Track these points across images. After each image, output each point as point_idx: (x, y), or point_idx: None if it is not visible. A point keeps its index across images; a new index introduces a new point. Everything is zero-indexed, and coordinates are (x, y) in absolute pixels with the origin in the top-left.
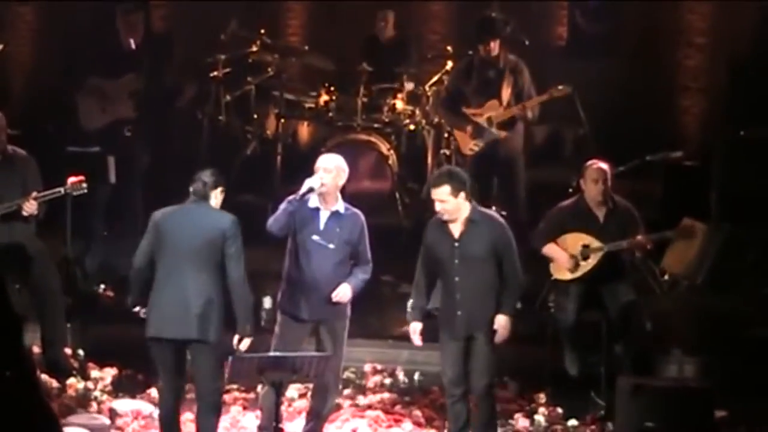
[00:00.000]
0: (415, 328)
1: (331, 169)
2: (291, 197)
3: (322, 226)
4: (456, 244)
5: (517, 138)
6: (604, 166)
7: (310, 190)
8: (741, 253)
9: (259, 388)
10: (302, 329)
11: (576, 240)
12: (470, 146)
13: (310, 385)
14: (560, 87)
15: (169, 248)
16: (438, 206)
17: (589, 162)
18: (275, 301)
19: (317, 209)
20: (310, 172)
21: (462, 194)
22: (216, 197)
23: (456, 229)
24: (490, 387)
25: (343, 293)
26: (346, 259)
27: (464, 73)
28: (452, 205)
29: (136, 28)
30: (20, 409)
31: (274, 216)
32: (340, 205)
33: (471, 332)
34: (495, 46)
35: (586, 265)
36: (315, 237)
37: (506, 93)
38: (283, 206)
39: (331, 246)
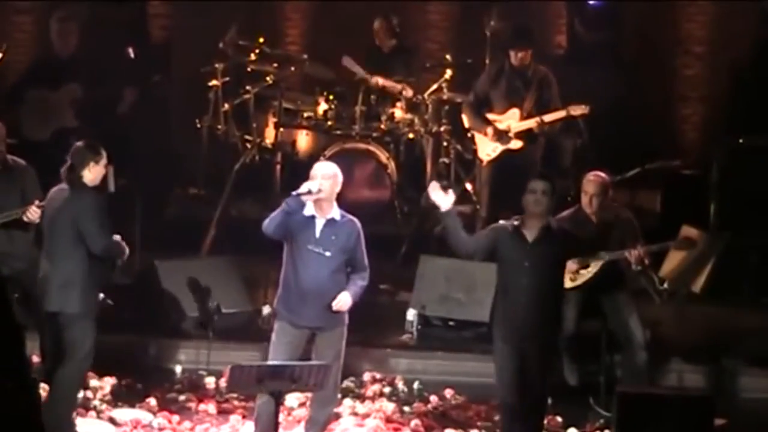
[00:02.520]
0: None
1: (329, 176)
2: (287, 200)
3: (318, 234)
4: (529, 248)
5: (536, 151)
6: (600, 178)
7: (309, 191)
8: (740, 261)
9: (258, 399)
10: (299, 337)
11: None
12: (487, 152)
13: (309, 394)
14: (579, 106)
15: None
16: (540, 196)
17: (589, 173)
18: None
19: (312, 217)
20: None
21: (552, 200)
22: (90, 172)
23: (530, 234)
24: (540, 399)
25: (344, 302)
26: (343, 266)
27: (494, 78)
28: (546, 202)
29: (69, 36)
30: (18, 420)
31: (270, 216)
32: (336, 213)
33: (529, 339)
34: (526, 56)
35: (586, 274)
36: (311, 245)
37: (528, 104)
38: (281, 207)
39: (327, 254)
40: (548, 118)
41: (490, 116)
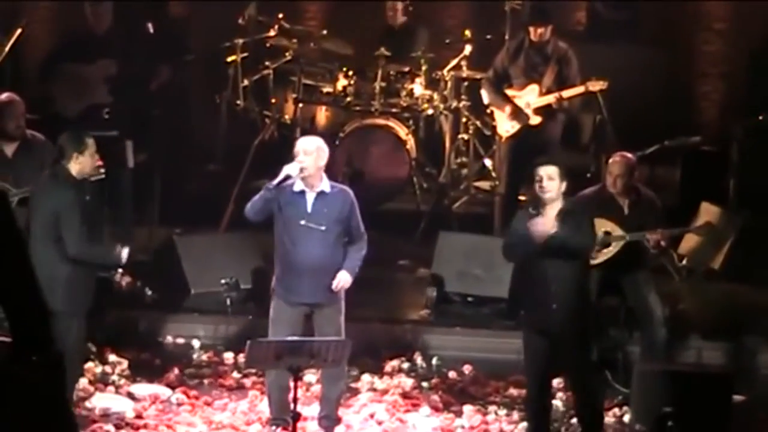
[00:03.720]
0: None
1: (311, 151)
2: (270, 183)
3: (309, 208)
4: (552, 238)
5: (555, 127)
6: (626, 159)
7: (287, 177)
8: (759, 238)
9: (267, 377)
10: (296, 314)
11: (598, 226)
12: (506, 128)
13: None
14: (597, 81)
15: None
16: (546, 182)
17: (614, 154)
18: None
19: (302, 192)
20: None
21: (564, 183)
22: (76, 163)
23: (550, 221)
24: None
25: (344, 280)
26: (339, 239)
27: (513, 54)
28: (557, 186)
29: (103, 17)
30: (45, 393)
31: (251, 201)
32: (326, 185)
33: (564, 326)
34: (546, 32)
35: (607, 252)
36: (303, 220)
37: (548, 80)
38: (261, 193)
39: (322, 228)
40: (567, 93)
41: (509, 92)
